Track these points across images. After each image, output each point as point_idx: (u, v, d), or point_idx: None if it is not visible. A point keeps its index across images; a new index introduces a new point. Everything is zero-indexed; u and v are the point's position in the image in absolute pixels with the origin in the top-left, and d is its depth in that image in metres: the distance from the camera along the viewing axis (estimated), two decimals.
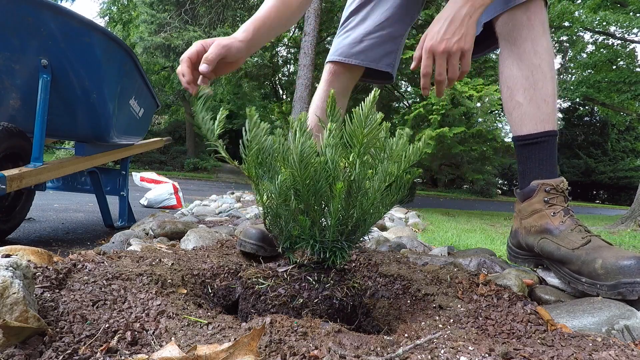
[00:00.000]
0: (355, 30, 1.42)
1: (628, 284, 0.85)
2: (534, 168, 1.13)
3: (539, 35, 1.12)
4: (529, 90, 1.12)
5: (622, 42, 11.21)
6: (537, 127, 1.12)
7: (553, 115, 1.13)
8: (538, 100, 1.12)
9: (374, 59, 1.43)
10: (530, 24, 1.11)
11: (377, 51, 1.42)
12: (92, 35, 1.78)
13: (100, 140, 2.19)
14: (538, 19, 1.12)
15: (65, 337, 0.57)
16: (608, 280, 0.89)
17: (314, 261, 0.85)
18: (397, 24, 1.42)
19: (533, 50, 1.12)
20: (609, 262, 0.90)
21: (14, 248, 0.82)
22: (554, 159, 1.13)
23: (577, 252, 0.98)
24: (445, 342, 0.65)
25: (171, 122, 20.83)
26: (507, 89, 1.17)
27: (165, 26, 10.17)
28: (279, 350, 0.58)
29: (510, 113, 1.17)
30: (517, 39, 1.13)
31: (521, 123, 1.14)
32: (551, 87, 1.13)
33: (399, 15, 1.41)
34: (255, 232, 1.18)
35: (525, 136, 1.14)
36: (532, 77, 1.12)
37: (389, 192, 0.81)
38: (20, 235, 2.15)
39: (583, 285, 0.94)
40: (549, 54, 1.13)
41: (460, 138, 7.70)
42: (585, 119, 30.54)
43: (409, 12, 1.43)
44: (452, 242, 2.43)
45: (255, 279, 0.82)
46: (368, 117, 0.72)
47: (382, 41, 1.42)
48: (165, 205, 4.10)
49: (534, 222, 1.11)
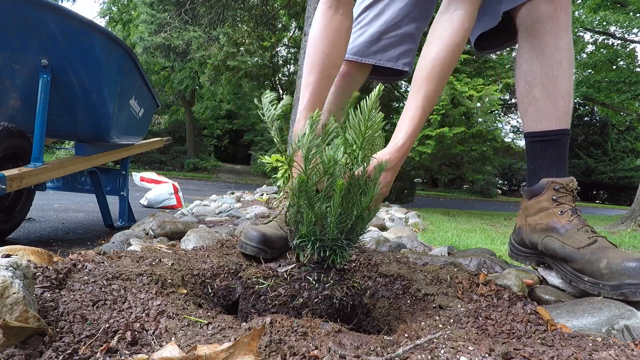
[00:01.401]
0: (370, 27, 1.37)
1: (632, 285, 0.85)
2: (544, 166, 1.11)
3: (563, 30, 1.08)
4: (547, 86, 1.09)
5: (622, 42, 11.21)
6: (552, 124, 1.10)
7: (568, 113, 1.11)
8: (556, 97, 1.09)
9: (391, 58, 1.39)
10: (555, 16, 1.07)
11: (395, 50, 1.38)
12: (92, 35, 1.78)
13: (100, 140, 2.19)
14: (564, 11, 1.08)
15: (65, 337, 0.57)
16: (612, 280, 0.88)
17: (314, 261, 0.85)
18: (415, 21, 1.37)
19: (556, 45, 1.08)
20: (614, 262, 0.89)
21: (14, 248, 0.82)
22: (565, 158, 1.11)
23: (582, 251, 0.97)
24: (445, 342, 0.65)
25: (171, 122, 20.83)
26: (525, 84, 1.14)
27: (165, 26, 10.17)
28: (279, 350, 0.58)
29: (526, 108, 1.14)
30: (540, 32, 1.09)
31: (537, 119, 1.11)
32: (569, 85, 1.10)
33: (417, 12, 1.36)
34: (256, 234, 1.17)
35: (540, 132, 1.11)
36: (552, 73, 1.09)
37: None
38: (20, 235, 2.15)
39: (585, 284, 0.94)
40: (570, 51, 1.10)
41: (460, 138, 7.69)
42: (585, 119, 30.53)
43: (427, 8, 1.39)
44: (452, 242, 2.43)
45: (256, 279, 0.82)
46: (372, 111, 0.72)
47: (400, 40, 1.38)
48: (165, 205, 4.10)
49: (540, 220, 1.09)
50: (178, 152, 17.76)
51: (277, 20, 13.38)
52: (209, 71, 11.07)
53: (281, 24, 13.78)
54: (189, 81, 15.60)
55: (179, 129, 19.49)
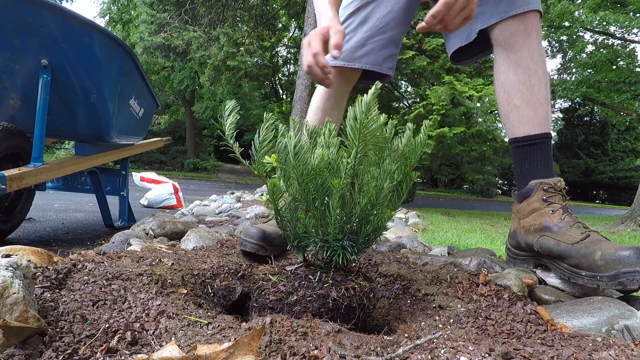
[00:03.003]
0: (355, 33, 1.42)
1: (628, 273, 0.87)
2: (531, 169, 1.16)
3: (535, 43, 1.17)
4: (526, 94, 1.16)
5: (622, 42, 11.20)
6: (534, 129, 1.16)
7: (548, 118, 1.18)
8: (535, 104, 1.16)
9: (377, 62, 1.43)
10: (527, 32, 1.16)
11: (380, 54, 1.43)
12: (92, 35, 1.78)
13: (100, 140, 2.19)
14: (534, 28, 1.17)
15: (65, 337, 0.57)
16: (608, 271, 0.90)
17: (322, 261, 0.85)
18: (398, 27, 1.43)
19: (530, 56, 1.16)
20: (608, 252, 0.92)
21: (14, 248, 0.82)
22: (550, 160, 1.16)
23: (576, 246, 0.99)
24: (445, 342, 0.65)
25: (171, 122, 20.83)
26: (504, 93, 1.20)
27: (165, 26, 10.17)
28: (279, 350, 0.58)
29: (508, 116, 1.20)
30: (514, 46, 1.17)
31: (519, 125, 1.17)
32: (546, 91, 1.17)
33: (400, 18, 1.42)
34: (256, 231, 1.19)
35: (524, 137, 1.17)
36: (529, 82, 1.16)
37: (395, 192, 0.81)
38: (20, 235, 2.15)
39: (583, 279, 0.95)
40: (543, 61, 1.18)
41: (460, 138, 7.70)
42: (585, 119, 30.55)
43: (409, 14, 1.44)
44: (452, 242, 2.43)
45: (264, 275, 0.84)
46: (370, 109, 0.72)
47: (385, 44, 1.43)
48: (165, 205, 4.10)
49: (533, 221, 1.12)
50: (178, 152, 17.76)
51: (277, 20, 13.40)
52: (209, 71, 11.07)
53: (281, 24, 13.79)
54: (189, 81, 15.60)
55: (179, 129, 19.49)
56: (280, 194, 0.81)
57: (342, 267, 0.84)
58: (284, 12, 13.33)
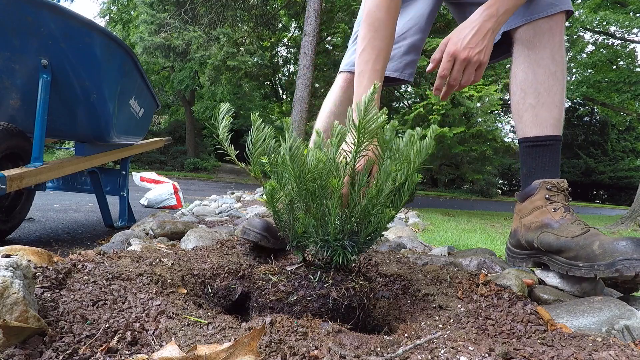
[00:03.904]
0: None
1: (625, 261, 0.88)
2: (538, 169, 1.16)
3: (558, 45, 1.15)
4: (543, 94, 1.15)
5: (622, 42, 11.19)
6: (546, 130, 1.15)
7: (561, 121, 1.17)
8: (550, 105, 1.15)
9: (397, 69, 1.43)
10: (551, 32, 1.14)
11: (401, 60, 1.43)
12: (92, 35, 1.78)
13: (100, 140, 2.19)
14: (559, 29, 1.15)
15: (65, 337, 0.57)
16: (605, 259, 0.91)
17: (322, 261, 0.85)
18: (418, 34, 1.42)
19: (551, 57, 1.15)
20: (605, 242, 0.94)
21: (14, 248, 0.82)
22: (557, 163, 1.16)
23: (575, 239, 1.00)
24: (445, 342, 0.65)
25: (171, 122, 20.82)
26: (521, 92, 1.19)
27: (165, 26, 10.17)
28: (279, 350, 0.58)
29: (521, 115, 1.19)
30: (537, 45, 1.15)
31: (532, 125, 1.16)
32: (562, 95, 1.16)
33: (421, 25, 1.41)
34: (260, 222, 1.21)
35: (535, 138, 1.16)
36: (547, 83, 1.15)
37: (397, 194, 0.81)
38: (20, 235, 2.15)
39: (580, 270, 0.96)
40: (564, 64, 1.17)
41: (460, 138, 7.71)
42: (585, 119, 30.54)
43: (430, 21, 1.44)
44: (452, 242, 2.43)
45: (264, 274, 0.84)
46: (369, 106, 0.72)
47: (406, 51, 1.42)
48: (165, 205, 4.10)
49: (535, 219, 1.12)
50: (178, 152, 17.75)
51: (277, 20, 13.39)
52: (209, 71, 11.07)
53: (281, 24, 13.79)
54: (189, 81, 15.59)
55: (179, 129, 19.48)
56: (277, 196, 0.81)
57: (342, 267, 0.84)
58: (284, 12, 13.33)
